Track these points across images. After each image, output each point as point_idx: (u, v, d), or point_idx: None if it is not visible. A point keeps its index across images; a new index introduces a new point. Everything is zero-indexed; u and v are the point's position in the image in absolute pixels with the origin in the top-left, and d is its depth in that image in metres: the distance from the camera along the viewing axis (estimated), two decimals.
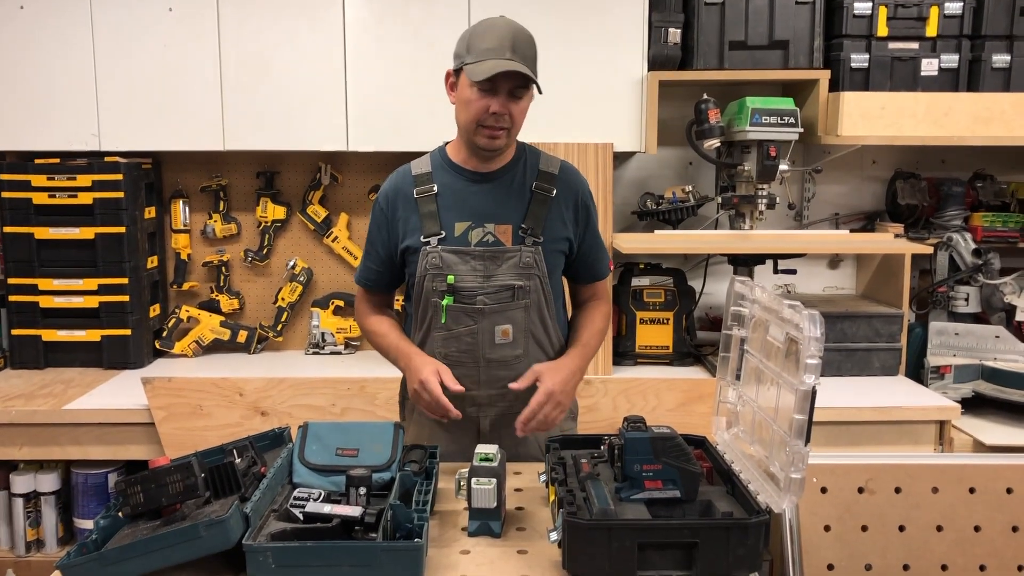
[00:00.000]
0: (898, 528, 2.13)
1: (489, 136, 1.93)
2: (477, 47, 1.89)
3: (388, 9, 2.98)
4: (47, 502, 2.79)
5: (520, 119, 1.96)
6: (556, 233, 2.02)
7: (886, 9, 3.00)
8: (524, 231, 1.99)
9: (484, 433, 2.06)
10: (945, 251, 3.18)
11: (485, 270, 1.98)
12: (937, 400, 2.75)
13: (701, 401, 2.78)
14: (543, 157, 2.07)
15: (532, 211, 2.00)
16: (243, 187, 3.36)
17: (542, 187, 2.02)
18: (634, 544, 1.42)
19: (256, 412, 2.77)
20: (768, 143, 2.91)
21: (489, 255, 1.98)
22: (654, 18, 2.99)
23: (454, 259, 1.98)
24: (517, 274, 1.98)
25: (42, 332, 3.10)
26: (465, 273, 1.98)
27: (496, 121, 1.91)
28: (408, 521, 1.47)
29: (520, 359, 2.02)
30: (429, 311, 2.01)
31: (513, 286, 1.98)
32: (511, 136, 1.97)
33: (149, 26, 2.98)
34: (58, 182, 3.02)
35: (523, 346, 2.02)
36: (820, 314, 1.43)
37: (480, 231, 1.99)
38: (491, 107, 1.90)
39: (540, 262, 1.99)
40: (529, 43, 1.92)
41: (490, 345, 2.00)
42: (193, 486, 1.52)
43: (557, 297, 2.08)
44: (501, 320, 1.99)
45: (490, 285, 1.98)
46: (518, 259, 1.98)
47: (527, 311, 2.00)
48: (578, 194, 2.06)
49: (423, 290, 2.00)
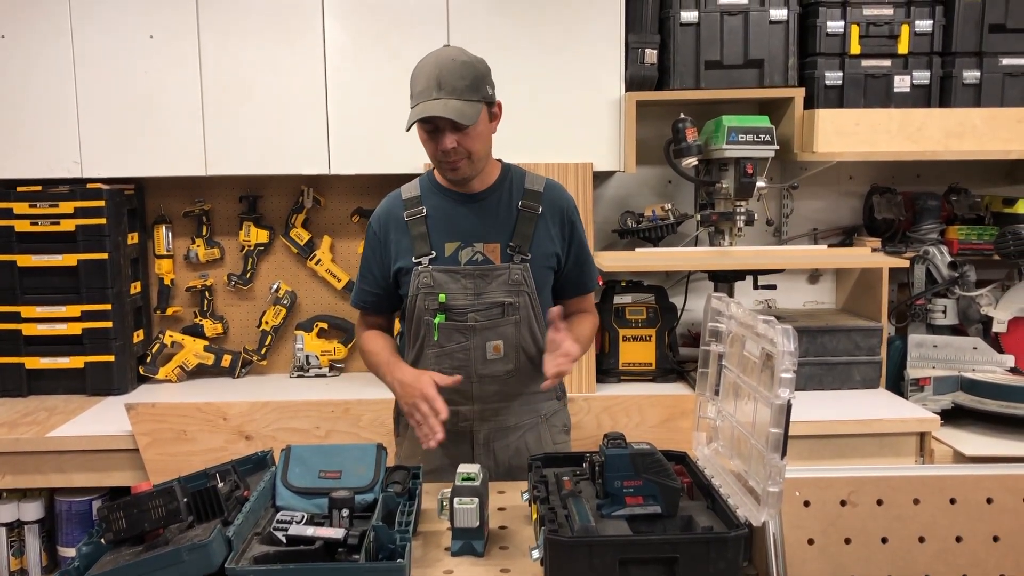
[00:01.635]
0: (881, 540, 2.14)
1: (450, 170, 1.99)
2: (413, 90, 1.94)
3: (368, 34, 3.01)
4: (30, 531, 2.77)
5: (477, 145, 1.97)
6: (544, 249, 2.07)
7: (858, 27, 3.05)
8: (512, 249, 2.04)
9: (478, 446, 2.09)
10: (922, 264, 3.22)
11: (475, 288, 2.02)
12: (917, 412, 2.77)
13: (684, 417, 2.79)
14: (528, 176, 2.12)
15: (519, 229, 2.05)
16: (226, 211, 3.37)
17: (528, 205, 2.06)
18: (615, 560, 1.44)
19: (240, 436, 2.76)
20: (745, 160, 2.94)
21: (479, 273, 2.02)
22: (631, 39, 3.03)
23: (445, 278, 2.02)
24: (507, 291, 2.02)
25: (25, 360, 3.09)
26: (456, 291, 2.02)
27: (447, 157, 1.96)
28: (391, 542, 1.47)
29: (512, 374, 2.06)
30: (422, 329, 2.06)
31: (503, 303, 2.03)
32: (475, 161, 1.99)
33: (130, 53, 3.00)
34: (40, 209, 3.02)
35: (514, 361, 2.06)
36: (794, 328, 1.46)
37: (470, 250, 2.04)
38: (439, 147, 1.94)
39: (528, 278, 2.04)
40: (459, 73, 1.91)
41: (482, 361, 2.04)
42: (175, 511, 1.52)
43: (547, 312, 2.10)
44: (492, 336, 2.04)
45: (480, 302, 2.03)
46: (507, 276, 2.03)
47: (517, 327, 2.05)
48: (564, 210, 2.10)
49: (415, 309, 2.05)
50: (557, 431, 2.20)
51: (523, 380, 2.08)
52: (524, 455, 2.09)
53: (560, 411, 2.23)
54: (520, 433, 2.13)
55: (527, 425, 2.14)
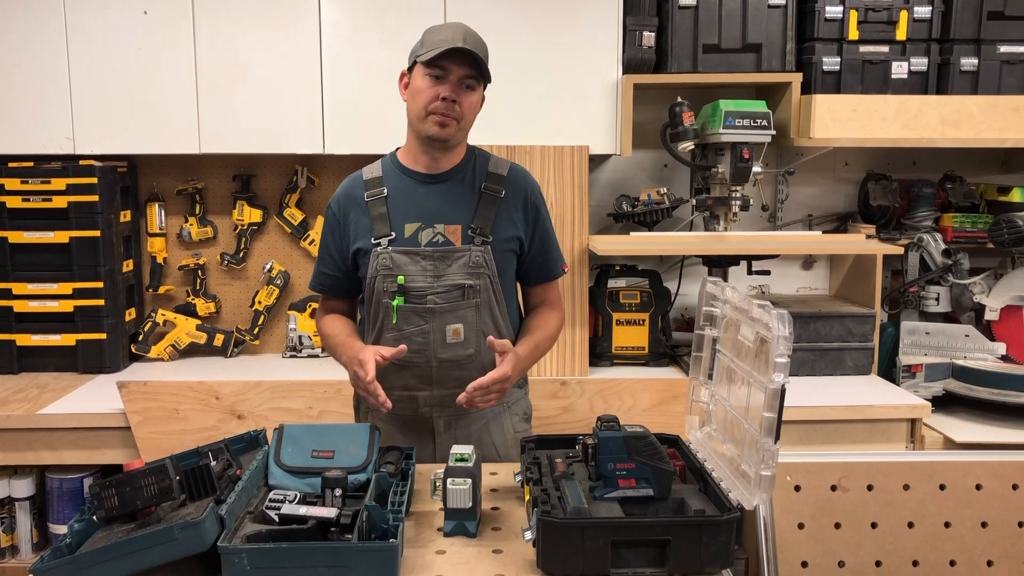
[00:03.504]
0: (870, 525, 2.16)
1: (439, 124, 1.96)
2: (430, 41, 1.95)
3: (364, 15, 2.99)
4: (21, 508, 2.77)
5: (469, 114, 1.99)
6: (505, 233, 2.05)
7: (857, 13, 3.04)
8: (473, 231, 2.02)
9: (439, 433, 2.08)
10: (916, 252, 3.23)
11: (435, 270, 2.00)
12: (908, 398, 2.78)
13: (676, 401, 2.80)
14: (492, 159, 2.11)
15: (481, 211, 2.03)
16: (219, 190, 3.35)
17: (491, 188, 2.05)
18: (607, 542, 1.44)
19: (233, 415, 2.76)
20: (741, 145, 2.93)
21: (439, 255, 2.00)
22: (628, 22, 3.01)
23: (404, 259, 2.00)
24: (467, 273, 2.01)
25: (16, 337, 3.07)
26: (415, 273, 2.00)
27: (446, 108, 1.94)
28: (383, 522, 1.47)
29: (472, 358, 2.04)
30: (380, 312, 2.03)
31: (463, 285, 2.00)
32: (460, 129, 1.99)
33: (124, 29, 2.97)
34: (32, 185, 3.00)
35: (475, 345, 2.04)
36: (789, 313, 1.46)
37: (430, 232, 2.02)
38: (441, 92, 1.93)
39: (490, 261, 2.02)
40: (481, 42, 1.97)
41: (442, 345, 2.02)
42: (168, 489, 1.52)
43: (509, 297, 2.10)
44: (452, 319, 2.01)
45: (440, 285, 2.00)
46: (467, 258, 2.00)
47: (478, 310, 2.02)
48: (527, 195, 2.09)
49: (374, 291, 2.03)
50: (518, 419, 2.17)
51: (483, 365, 2.00)
52: (487, 444, 2.09)
53: (521, 399, 2.20)
54: (483, 422, 2.11)
55: (489, 414, 2.11)
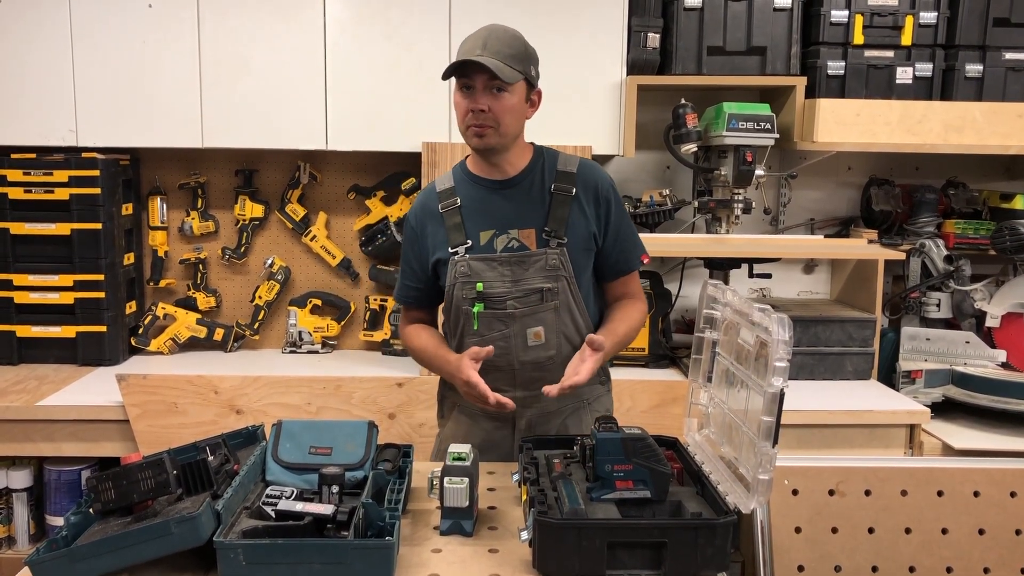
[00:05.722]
0: (867, 530, 2.15)
1: (476, 135, 1.95)
2: (458, 52, 1.94)
3: (368, 10, 2.99)
4: (19, 499, 2.77)
5: (505, 117, 1.95)
6: (580, 232, 2.03)
7: (862, 17, 3.04)
8: (548, 233, 2.01)
9: (520, 432, 2.09)
10: (918, 257, 3.22)
11: (513, 275, 2.00)
12: (908, 404, 2.78)
13: (676, 403, 2.80)
14: (561, 157, 2.09)
15: (553, 213, 2.02)
16: (221, 185, 3.35)
17: (561, 187, 2.03)
18: (603, 543, 1.44)
19: (231, 410, 2.76)
20: (744, 148, 2.93)
21: (515, 260, 2.00)
22: (633, 23, 3.01)
23: (482, 266, 2.00)
24: (544, 276, 2.00)
25: (16, 328, 3.08)
26: (493, 279, 2.00)
27: (477, 119, 1.93)
28: (380, 519, 1.47)
29: (553, 359, 2.03)
30: (461, 319, 2.04)
31: (541, 288, 2.00)
32: (502, 135, 1.96)
33: (128, 21, 2.97)
34: (34, 177, 3.00)
35: (555, 347, 2.03)
36: (789, 318, 1.45)
37: (505, 237, 2.02)
38: (470, 105, 1.93)
39: (566, 263, 2.01)
40: (506, 40, 1.93)
41: (523, 348, 2.02)
42: (165, 483, 1.51)
43: (587, 296, 2.08)
44: (532, 323, 2.01)
45: (518, 289, 2.00)
46: (544, 262, 2.00)
47: (557, 312, 2.02)
48: (598, 188, 2.06)
49: (454, 299, 2.04)
50: (605, 393, 2.18)
51: (565, 365, 1.99)
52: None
53: (603, 396, 2.20)
54: (561, 419, 2.11)
55: (568, 410, 2.12)
